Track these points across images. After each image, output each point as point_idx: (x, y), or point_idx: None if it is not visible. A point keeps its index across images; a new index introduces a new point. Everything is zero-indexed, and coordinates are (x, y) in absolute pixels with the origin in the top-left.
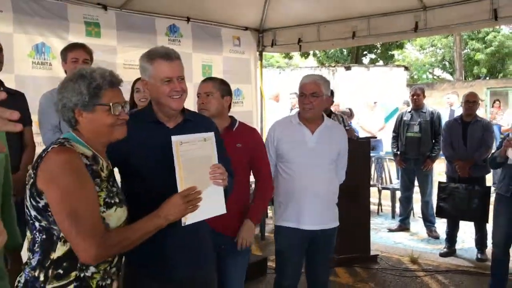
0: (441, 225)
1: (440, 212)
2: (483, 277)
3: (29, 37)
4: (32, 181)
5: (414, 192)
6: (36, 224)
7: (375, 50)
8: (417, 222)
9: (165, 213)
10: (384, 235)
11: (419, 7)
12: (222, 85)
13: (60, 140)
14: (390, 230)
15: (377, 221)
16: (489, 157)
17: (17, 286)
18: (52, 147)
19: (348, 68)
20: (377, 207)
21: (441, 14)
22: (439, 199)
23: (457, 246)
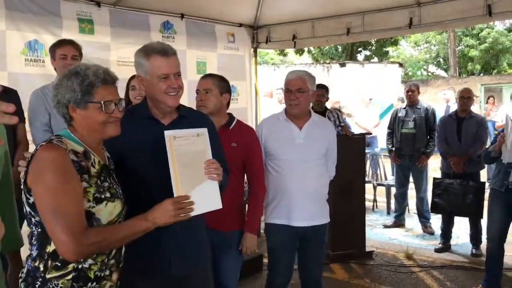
0: (436, 221)
1: (435, 208)
2: (478, 272)
3: (21, 34)
4: (24, 178)
5: (409, 188)
6: (32, 219)
7: (370, 47)
8: (412, 218)
9: (154, 217)
10: (379, 231)
11: (413, 3)
12: (222, 82)
13: (51, 138)
14: (385, 226)
15: (372, 217)
16: (483, 153)
17: (21, 276)
18: (41, 145)
19: (343, 65)
20: (372, 204)
21: (436, 10)
22: (434, 195)
23: (452, 242)
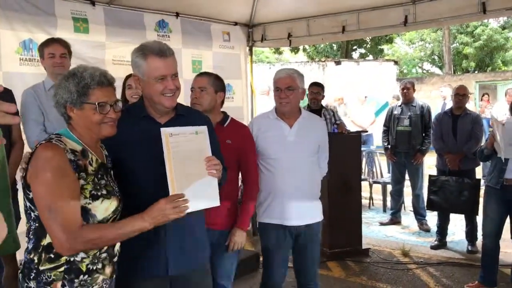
0: (432, 218)
1: (431, 205)
2: (473, 269)
3: (16, 33)
4: (24, 174)
5: (405, 185)
6: (31, 214)
7: (365, 45)
8: (408, 216)
9: (150, 217)
10: (375, 229)
11: (408, 1)
12: (217, 80)
13: (51, 136)
14: (382, 224)
15: (368, 215)
16: (478, 151)
17: (20, 268)
18: (40, 143)
19: (338, 63)
20: (368, 201)
21: (430, 7)
22: (429, 192)
23: (448, 239)
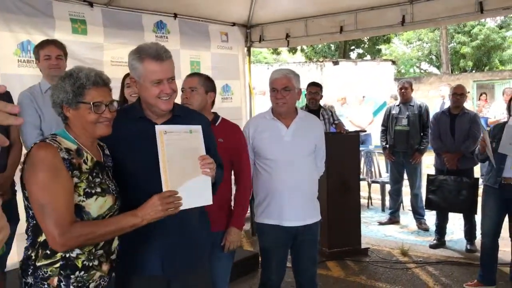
0: (430, 217)
1: (429, 205)
2: (472, 268)
3: (14, 35)
4: (21, 174)
5: (404, 185)
6: (30, 211)
7: (363, 45)
8: (407, 215)
9: (143, 213)
10: (374, 228)
11: (405, 1)
12: (207, 81)
13: (46, 136)
14: (380, 223)
15: (367, 214)
16: (475, 152)
17: (20, 264)
18: (35, 143)
19: (336, 63)
20: (367, 201)
21: (428, 7)
22: (428, 191)
23: (447, 238)
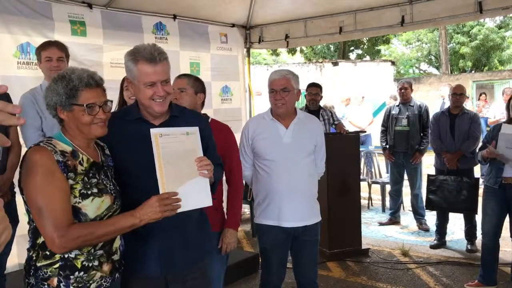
0: (431, 217)
1: (429, 205)
2: (473, 268)
3: (13, 37)
4: (19, 177)
5: (404, 185)
6: (29, 214)
7: (362, 46)
8: (407, 215)
9: (141, 214)
10: (375, 229)
11: (405, 1)
12: (196, 82)
13: (41, 140)
14: (381, 224)
15: (367, 215)
16: (475, 154)
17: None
18: (30, 147)
19: (335, 64)
20: (367, 202)
21: (427, 7)
22: (428, 191)
23: (447, 238)
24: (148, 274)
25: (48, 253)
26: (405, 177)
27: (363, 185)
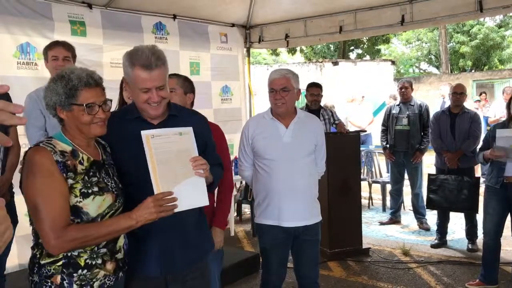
0: (431, 217)
1: (430, 204)
2: (474, 267)
3: (13, 37)
4: (20, 177)
5: (404, 184)
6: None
7: (362, 45)
8: (408, 215)
9: (137, 215)
10: (375, 228)
11: (405, 0)
12: (186, 82)
13: (41, 140)
14: (381, 223)
15: (368, 214)
16: (476, 154)
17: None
18: (30, 148)
19: (335, 63)
20: (367, 201)
21: (427, 6)
22: (429, 191)
23: (448, 237)
24: (148, 274)
25: None
26: (406, 176)
27: (364, 184)
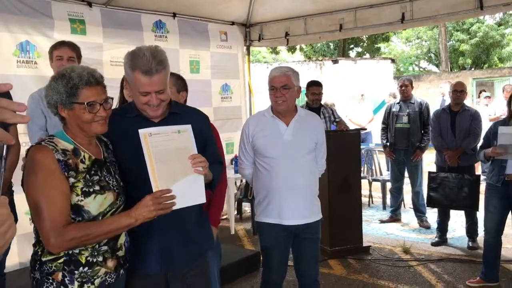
0: (431, 215)
1: (430, 202)
2: (475, 265)
3: (13, 35)
4: (22, 176)
5: (404, 183)
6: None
7: (362, 44)
8: (408, 213)
9: (136, 213)
10: (375, 226)
11: None
12: (179, 80)
13: (43, 138)
14: (382, 221)
15: (368, 212)
16: (477, 152)
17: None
18: (31, 146)
19: (335, 62)
20: (368, 199)
21: (427, 4)
22: (429, 188)
23: (448, 235)
24: (148, 272)
25: None
26: (406, 174)
27: (364, 182)
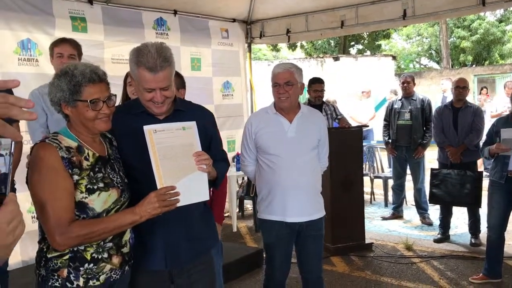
0: (434, 211)
1: (433, 199)
2: (477, 261)
3: (14, 33)
4: (27, 174)
5: (406, 179)
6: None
7: (362, 41)
8: (410, 210)
9: (141, 210)
10: (378, 224)
11: None
12: (177, 77)
13: (47, 136)
14: (384, 218)
15: (370, 209)
16: (480, 149)
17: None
18: (35, 143)
19: (336, 59)
20: (370, 196)
21: (429, 0)
22: (431, 185)
23: (451, 232)
24: (153, 268)
25: None
26: (408, 171)
27: (366, 180)
